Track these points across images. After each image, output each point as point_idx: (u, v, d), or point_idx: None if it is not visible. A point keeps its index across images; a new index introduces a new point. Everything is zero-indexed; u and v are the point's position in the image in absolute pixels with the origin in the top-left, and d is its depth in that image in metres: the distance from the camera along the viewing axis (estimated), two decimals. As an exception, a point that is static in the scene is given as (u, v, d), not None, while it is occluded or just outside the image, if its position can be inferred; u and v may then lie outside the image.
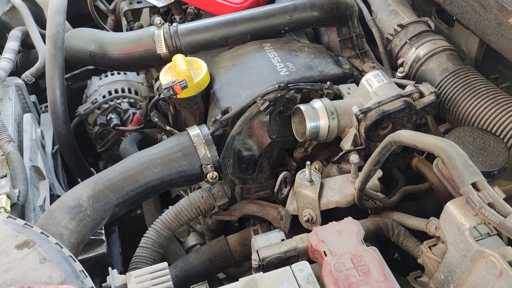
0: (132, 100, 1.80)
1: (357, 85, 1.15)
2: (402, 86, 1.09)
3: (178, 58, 1.22)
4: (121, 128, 1.72)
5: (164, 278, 0.76)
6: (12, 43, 1.46)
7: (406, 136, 0.81)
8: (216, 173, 1.07)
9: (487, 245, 0.71)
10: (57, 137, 1.28)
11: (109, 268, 0.80)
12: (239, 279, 0.74)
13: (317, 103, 1.09)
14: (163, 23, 1.29)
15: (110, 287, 0.77)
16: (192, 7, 1.53)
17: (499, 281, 0.67)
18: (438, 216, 0.81)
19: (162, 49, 1.27)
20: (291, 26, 1.30)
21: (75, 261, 0.80)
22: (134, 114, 1.79)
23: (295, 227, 1.09)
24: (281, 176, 1.08)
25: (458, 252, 0.74)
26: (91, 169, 1.44)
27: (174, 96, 1.15)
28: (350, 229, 0.80)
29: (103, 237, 1.20)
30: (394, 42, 1.26)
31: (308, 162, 1.01)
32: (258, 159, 1.18)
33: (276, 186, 1.09)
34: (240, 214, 1.22)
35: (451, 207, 0.76)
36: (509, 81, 1.26)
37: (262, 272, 0.77)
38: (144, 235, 1.12)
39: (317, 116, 1.07)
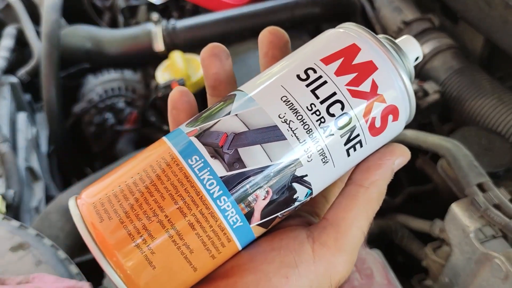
0: (128, 99, 1.78)
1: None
2: (405, 85, 1.08)
3: (176, 55, 1.20)
4: (117, 127, 1.70)
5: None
6: (7, 41, 1.44)
7: (410, 136, 0.80)
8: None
9: (492, 247, 0.70)
10: (53, 137, 1.27)
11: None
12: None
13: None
14: (161, 20, 1.27)
15: (106, 291, 0.76)
16: (190, 4, 1.51)
17: (505, 284, 0.66)
18: (442, 218, 0.79)
19: (159, 46, 1.25)
20: (292, 23, 1.28)
21: (71, 264, 0.79)
22: (130, 113, 1.77)
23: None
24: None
25: (463, 255, 0.73)
26: (88, 169, 1.42)
27: (172, 95, 1.13)
28: (353, 231, 0.79)
29: (100, 239, 1.18)
30: (396, 39, 1.25)
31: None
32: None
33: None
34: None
35: (455, 209, 0.75)
36: (514, 79, 1.24)
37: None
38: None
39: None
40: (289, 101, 0.33)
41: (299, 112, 0.32)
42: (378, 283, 0.71)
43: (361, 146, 0.34)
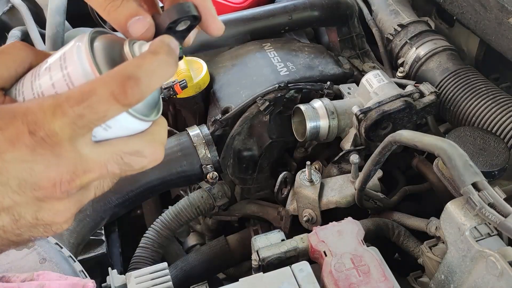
0: (132, 100, 1.80)
1: (357, 85, 1.15)
2: (402, 86, 1.09)
3: (178, 58, 1.22)
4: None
5: (164, 278, 0.76)
6: (12, 43, 1.46)
7: (406, 136, 0.81)
8: (216, 173, 1.07)
9: (487, 245, 0.71)
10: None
11: (109, 268, 0.80)
12: (239, 279, 0.74)
13: (317, 103, 1.08)
14: (163, 23, 1.29)
15: (109, 287, 0.77)
16: (192, 7, 1.52)
17: (500, 281, 0.67)
18: (438, 216, 0.81)
19: (162, 49, 1.27)
20: (291, 26, 1.30)
21: (74, 261, 0.80)
22: (134, 114, 1.78)
23: (295, 227, 1.08)
24: (281, 176, 1.08)
25: (458, 252, 0.74)
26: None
27: (174, 96, 1.15)
28: (350, 229, 0.80)
29: (103, 237, 1.19)
30: (394, 42, 1.26)
31: (308, 162, 1.01)
32: (258, 159, 1.18)
33: (276, 186, 1.08)
34: (240, 214, 1.22)
35: (451, 207, 0.76)
36: (510, 81, 1.26)
37: (262, 272, 0.76)
38: (144, 235, 1.12)
39: (317, 116, 1.06)
40: None
41: None
42: (375, 280, 0.72)
43: None
